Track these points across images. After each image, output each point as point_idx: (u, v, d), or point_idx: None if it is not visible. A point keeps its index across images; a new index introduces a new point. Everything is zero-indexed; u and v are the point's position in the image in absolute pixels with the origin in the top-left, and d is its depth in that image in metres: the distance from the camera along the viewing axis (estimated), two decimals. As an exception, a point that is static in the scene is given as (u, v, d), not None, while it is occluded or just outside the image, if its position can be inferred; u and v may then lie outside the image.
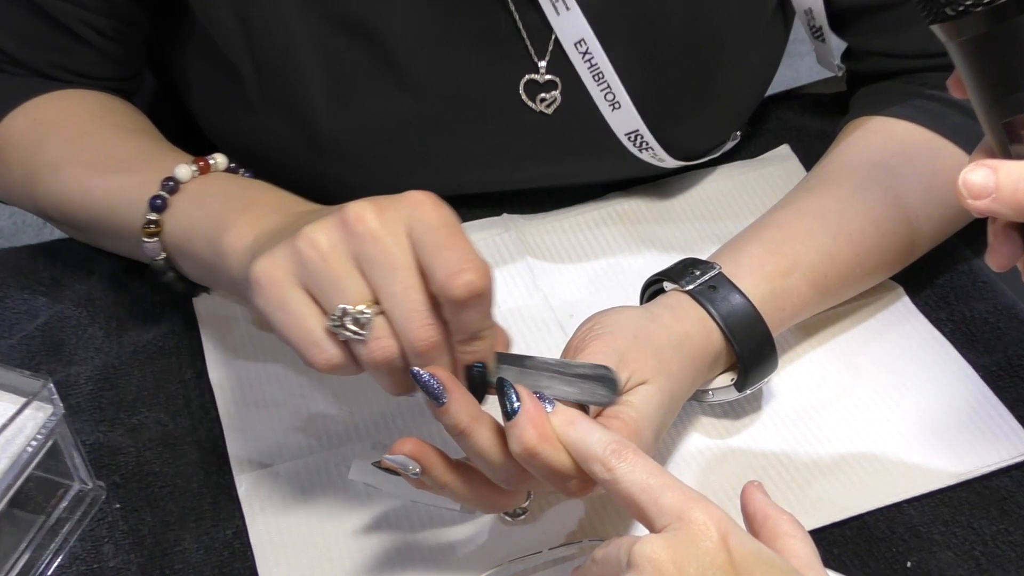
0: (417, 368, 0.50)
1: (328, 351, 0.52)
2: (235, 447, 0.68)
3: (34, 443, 0.61)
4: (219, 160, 0.64)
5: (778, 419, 0.69)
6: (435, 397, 0.50)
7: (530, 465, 0.51)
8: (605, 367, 0.55)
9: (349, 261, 0.51)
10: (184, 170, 0.63)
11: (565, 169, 0.75)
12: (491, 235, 0.78)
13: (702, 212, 0.80)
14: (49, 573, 0.63)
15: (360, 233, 0.51)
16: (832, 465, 0.66)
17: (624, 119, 0.70)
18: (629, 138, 0.72)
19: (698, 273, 0.64)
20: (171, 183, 0.63)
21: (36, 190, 0.68)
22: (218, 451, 0.68)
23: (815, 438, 0.68)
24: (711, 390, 0.66)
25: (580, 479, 0.52)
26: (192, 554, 0.64)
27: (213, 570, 0.63)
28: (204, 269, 0.61)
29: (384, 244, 0.50)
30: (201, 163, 0.63)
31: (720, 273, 0.64)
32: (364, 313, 0.51)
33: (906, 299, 0.74)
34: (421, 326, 0.50)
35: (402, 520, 0.64)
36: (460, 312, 0.50)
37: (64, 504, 0.65)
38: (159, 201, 0.63)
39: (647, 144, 0.72)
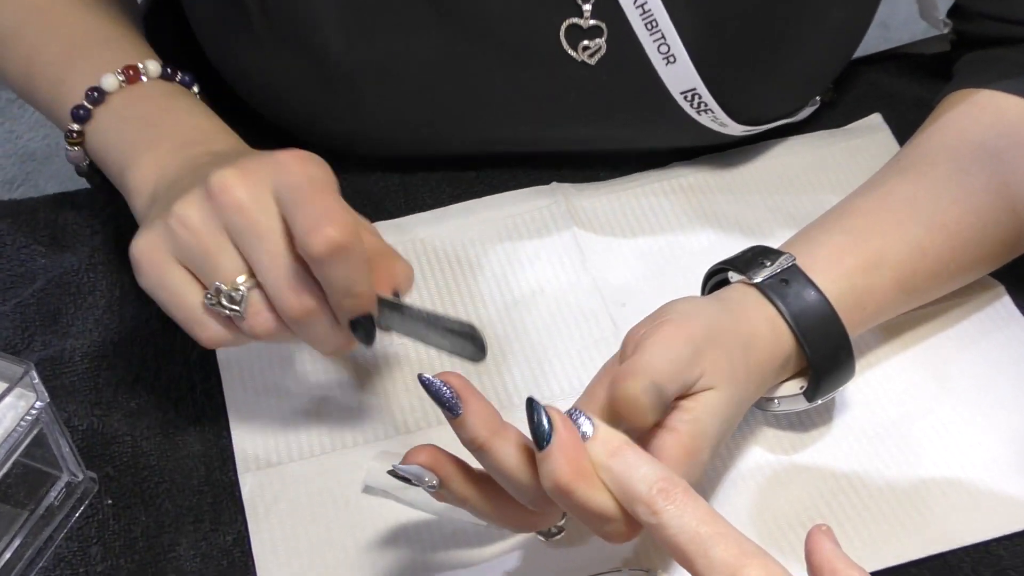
0: (427, 376, 0.48)
1: (210, 328, 0.54)
2: (241, 440, 0.65)
3: (15, 434, 0.58)
4: (151, 67, 0.64)
5: (851, 435, 0.65)
6: (448, 408, 0.47)
7: (564, 503, 0.47)
8: (471, 325, 0.54)
9: (221, 234, 0.52)
10: (110, 80, 0.63)
11: (612, 131, 0.71)
12: (538, 206, 0.74)
13: (776, 188, 0.76)
14: (31, 576, 0.63)
15: (226, 204, 0.52)
16: (912, 493, 0.62)
17: (679, 75, 0.66)
18: (685, 97, 0.67)
19: (769, 264, 0.60)
20: (95, 94, 0.63)
21: None
22: (222, 444, 0.65)
23: (893, 460, 0.64)
24: (777, 398, 0.62)
25: (625, 522, 0.47)
26: (187, 562, 0.62)
27: (209, 582, 0.61)
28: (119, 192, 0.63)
29: (249, 212, 0.51)
30: (130, 71, 0.63)
31: (794, 265, 0.60)
32: (237, 289, 0.52)
33: (1007, 299, 0.70)
34: (290, 294, 0.52)
35: (423, 535, 0.61)
36: (325, 269, 0.51)
37: (52, 496, 0.62)
38: (81, 112, 0.63)
39: (705, 106, 0.68)
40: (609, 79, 0.68)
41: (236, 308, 0.53)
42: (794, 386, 0.62)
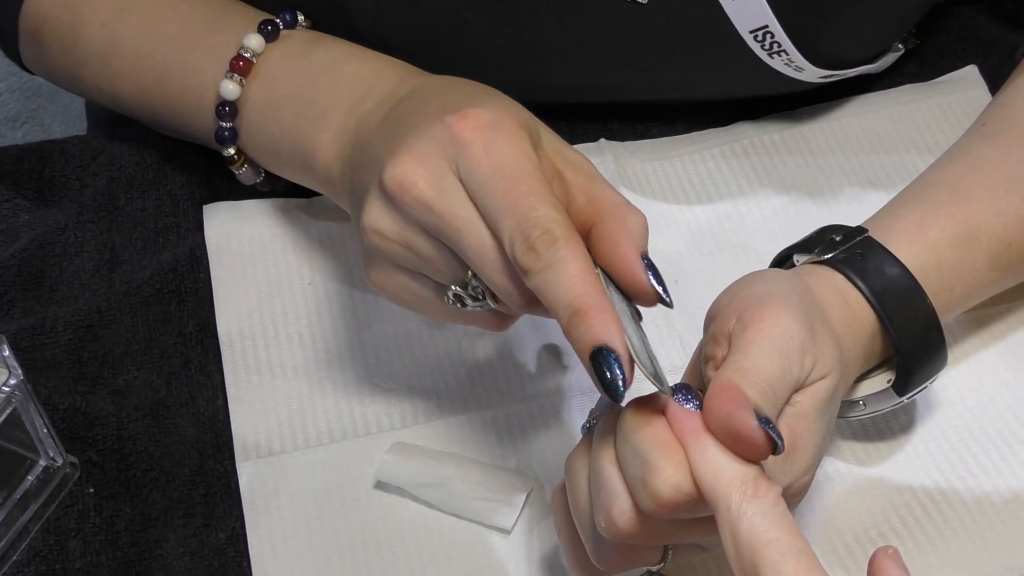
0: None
1: (479, 317, 0.55)
2: (240, 425, 0.63)
3: (-14, 413, 0.58)
4: (253, 44, 0.63)
5: (931, 441, 0.63)
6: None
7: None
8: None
9: (422, 235, 0.52)
10: (229, 88, 0.63)
11: (671, 76, 0.69)
12: None
13: (855, 150, 0.73)
14: (3, 572, 0.59)
15: (410, 204, 0.51)
16: (1003, 509, 0.60)
17: (749, 10, 0.64)
18: (755, 37, 0.65)
19: (839, 239, 0.58)
20: (225, 109, 0.63)
21: (83, 85, 0.68)
22: (218, 428, 0.64)
23: (981, 468, 0.62)
24: (861, 399, 0.59)
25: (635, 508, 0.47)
26: (175, 560, 0.60)
27: (200, 583, 0.60)
28: (305, 183, 0.63)
29: (437, 209, 0.50)
30: (239, 64, 0.63)
31: (868, 237, 0.58)
32: (473, 285, 0.52)
33: (1116, 287, 0.68)
34: (510, 286, 0.50)
35: (441, 539, 0.59)
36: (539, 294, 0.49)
37: (27, 483, 0.60)
38: (226, 133, 0.64)
39: (779, 46, 0.66)
40: (667, 17, 0.66)
41: (481, 303, 0.53)
42: (879, 381, 0.59)
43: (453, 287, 0.53)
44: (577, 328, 0.47)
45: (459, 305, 0.53)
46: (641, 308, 0.51)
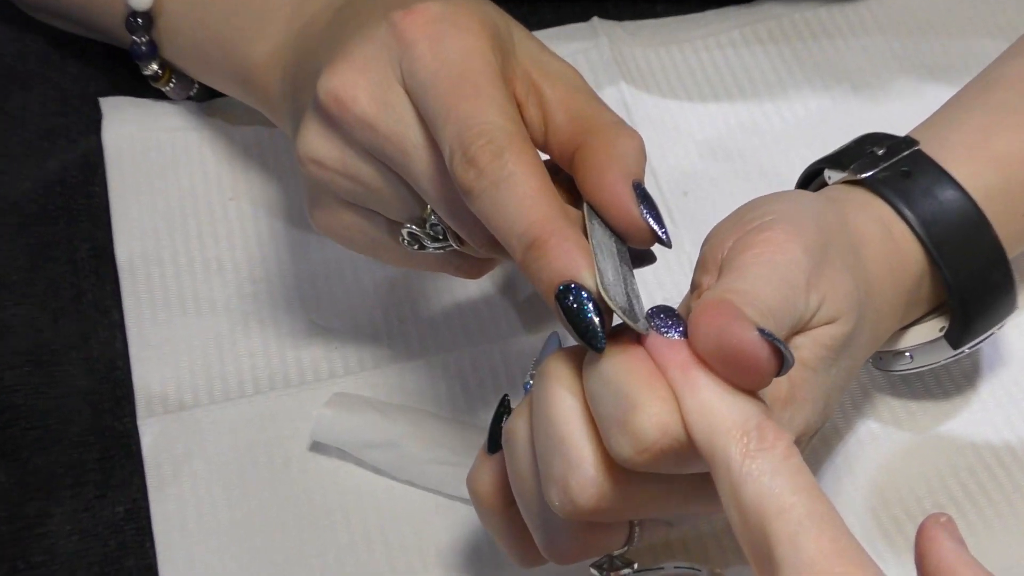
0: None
1: (441, 264, 0.55)
2: (143, 373, 0.62)
3: None
4: None
5: (1003, 395, 0.61)
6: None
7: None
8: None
9: (368, 166, 0.52)
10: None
11: None
12: (572, 51, 0.71)
13: (910, 30, 0.73)
14: None
15: (350, 123, 0.50)
16: None
17: None
18: None
19: (882, 153, 0.57)
20: (137, 20, 0.64)
21: None
22: (116, 377, 0.62)
23: None
24: (907, 350, 0.58)
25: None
26: (61, 540, 0.58)
27: (91, 569, 0.57)
28: (229, 92, 0.64)
29: (380, 128, 0.50)
30: None
31: (918, 151, 0.57)
32: (432, 223, 0.52)
33: None
34: (468, 222, 0.49)
35: (391, 511, 0.59)
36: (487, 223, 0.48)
37: None
38: (141, 49, 0.64)
39: None
40: None
41: (442, 244, 0.52)
42: (931, 329, 0.58)
43: (408, 225, 0.52)
44: (535, 263, 0.45)
45: (416, 247, 0.53)
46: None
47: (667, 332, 0.45)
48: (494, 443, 0.50)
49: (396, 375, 0.61)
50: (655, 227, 0.48)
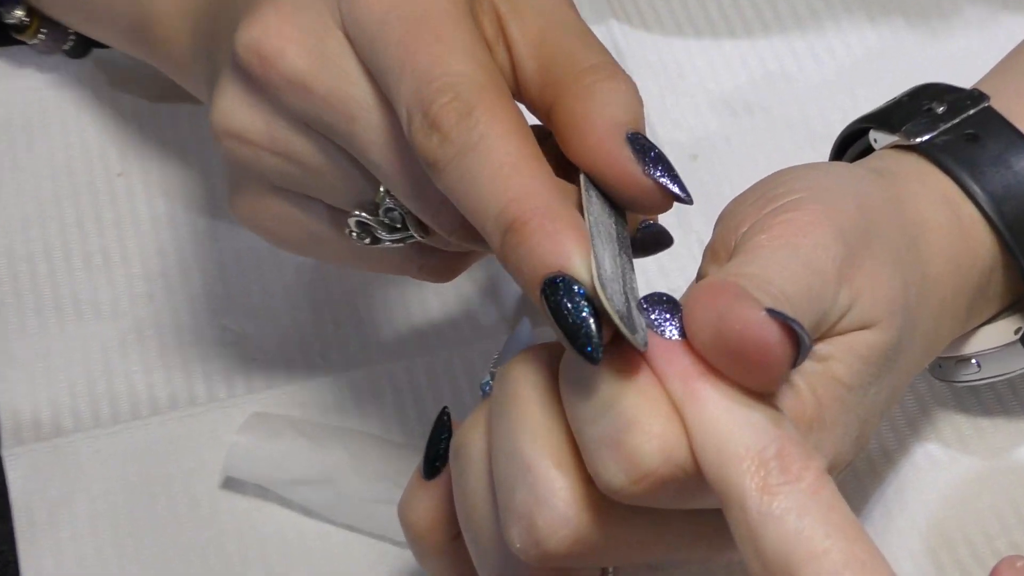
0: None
1: (390, 263, 0.53)
2: (8, 393, 0.60)
3: None
4: None
5: None
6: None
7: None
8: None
9: (302, 138, 0.50)
10: None
11: None
12: None
13: None
14: None
15: (278, 85, 0.48)
16: None
17: None
18: None
19: (943, 111, 0.56)
20: None
21: None
22: None
23: None
24: (974, 356, 0.56)
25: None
26: None
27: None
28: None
29: (321, 90, 0.48)
30: None
31: (988, 109, 0.55)
32: (386, 208, 0.50)
33: None
34: (428, 201, 0.48)
35: (328, 562, 0.57)
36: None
37: None
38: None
39: None
40: None
41: (401, 234, 0.50)
42: (1003, 331, 0.57)
43: (356, 213, 0.50)
44: (515, 250, 0.43)
45: (368, 241, 0.51)
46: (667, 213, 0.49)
47: (666, 330, 0.43)
48: (430, 466, 0.48)
49: (331, 390, 0.60)
50: (667, 183, 0.45)
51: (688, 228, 0.62)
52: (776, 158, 0.52)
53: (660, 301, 0.44)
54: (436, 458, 0.48)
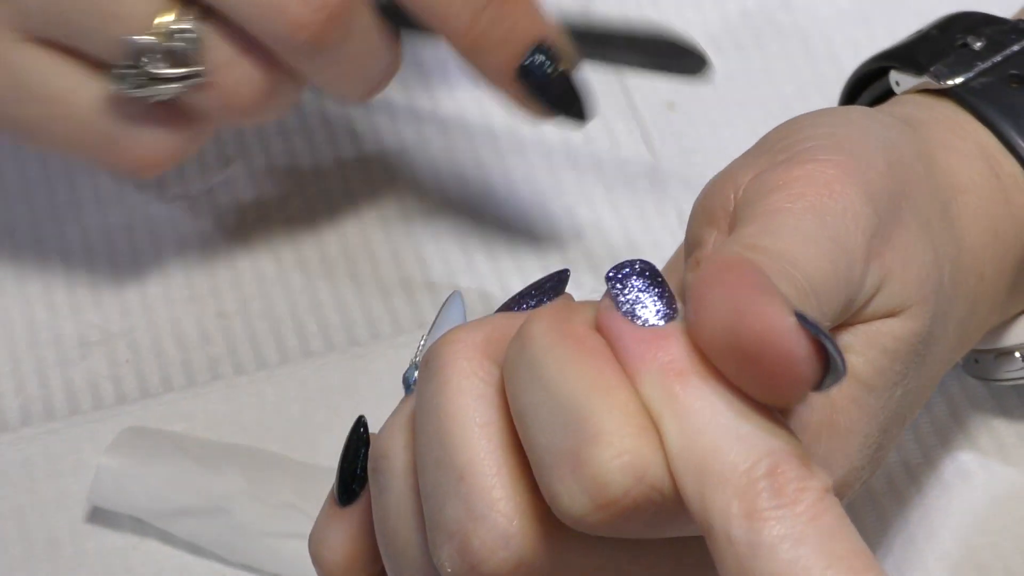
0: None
1: (143, 141, 0.57)
2: None
3: None
4: None
5: None
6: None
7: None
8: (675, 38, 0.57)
9: None
10: None
11: None
12: None
13: None
14: None
15: None
16: None
17: None
18: None
19: (980, 47, 0.56)
20: None
21: None
22: None
23: None
24: (1017, 349, 0.56)
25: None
26: None
27: None
28: None
29: None
30: None
31: None
32: (180, 31, 0.54)
33: None
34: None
35: None
36: None
37: None
38: None
39: None
40: None
41: (188, 72, 0.53)
42: None
43: (130, 40, 0.54)
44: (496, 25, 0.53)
45: (134, 83, 0.54)
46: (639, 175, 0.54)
47: (641, 313, 0.42)
48: (346, 490, 0.47)
49: (222, 398, 0.58)
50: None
51: (663, 192, 0.62)
52: (773, 107, 0.53)
53: (634, 272, 0.43)
54: (352, 480, 0.47)
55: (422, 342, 0.48)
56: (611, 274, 0.42)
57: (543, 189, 0.67)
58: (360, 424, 0.48)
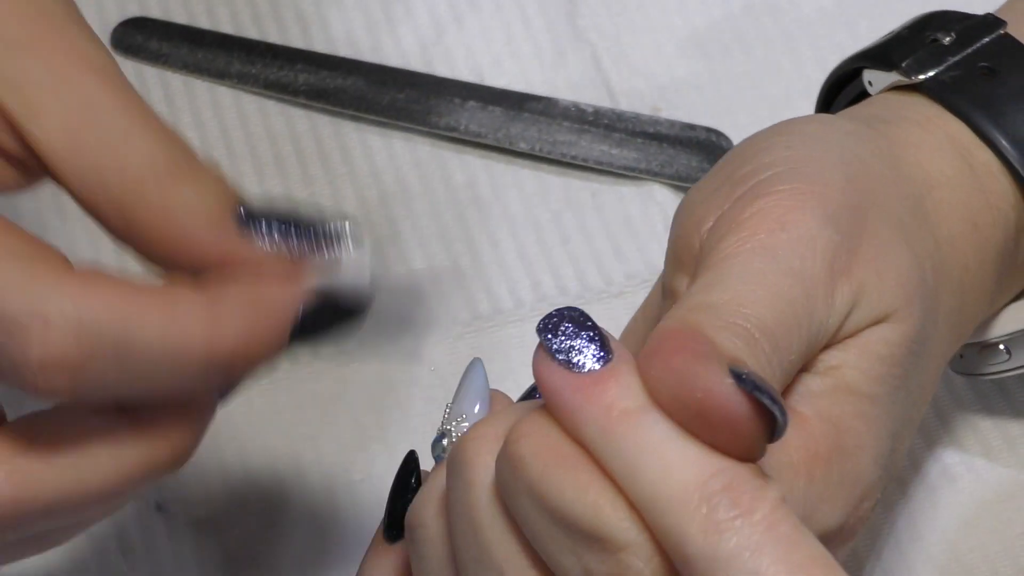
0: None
1: None
2: None
3: None
4: None
5: None
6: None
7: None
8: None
9: None
10: None
11: None
12: None
13: None
14: None
15: None
16: None
17: None
18: None
19: (949, 41, 0.56)
20: None
21: None
22: None
23: None
24: (1001, 341, 0.56)
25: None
26: None
27: None
28: None
29: None
30: None
31: (1005, 37, 0.56)
32: None
33: None
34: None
35: None
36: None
37: None
38: None
39: None
40: None
41: None
42: None
43: None
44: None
45: None
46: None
47: (576, 357, 0.43)
48: (393, 527, 0.48)
49: None
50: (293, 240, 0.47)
51: (649, 198, 0.62)
52: (760, 111, 0.51)
53: (563, 319, 0.43)
54: (399, 520, 0.48)
55: (447, 410, 0.49)
56: (542, 325, 0.42)
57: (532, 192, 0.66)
58: (409, 464, 0.49)
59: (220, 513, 0.59)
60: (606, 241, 0.63)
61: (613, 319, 0.61)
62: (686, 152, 0.62)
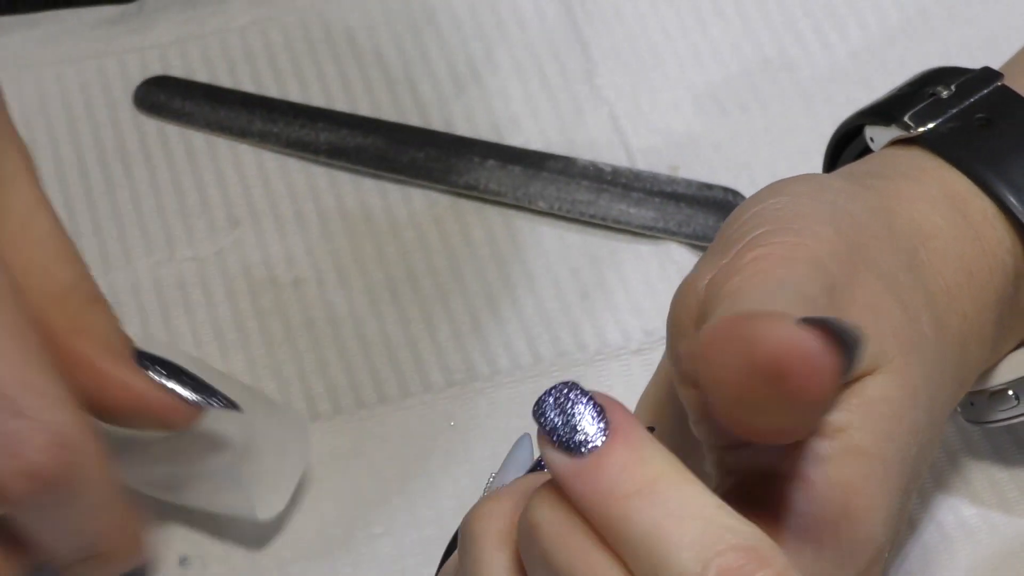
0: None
1: None
2: None
3: None
4: None
5: None
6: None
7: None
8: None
9: None
10: None
11: None
12: None
13: None
14: None
15: None
16: None
17: None
18: None
19: (948, 95, 0.56)
20: None
21: None
22: None
23: None
24: (1010, 387, 0.56)
25: None
26: None
27: None
28: None
29: None
30: None
31: (1002, 88, 0.56)
32: None
33: None
34: None
35: None
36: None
37: None
38: None
39: None
40: None
41: None
42: None
43: None
44: None
45: None
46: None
47: (579, 437, 0.43)
48: None
49: None
50: (187, 395, 0.52)
51: (666, 257, 0.62)
52: (778, 166, 0.52)
53: (559, 396, 0.44)
54: None
55: (491, 479, 0.50)
56: (536, 408, 0.43)
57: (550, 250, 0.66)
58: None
59: (241, 568, 0.57)
60: (625, 298, 0.62)
61: (631, 376, 0.61)
62: (703, 211, 0.62)
